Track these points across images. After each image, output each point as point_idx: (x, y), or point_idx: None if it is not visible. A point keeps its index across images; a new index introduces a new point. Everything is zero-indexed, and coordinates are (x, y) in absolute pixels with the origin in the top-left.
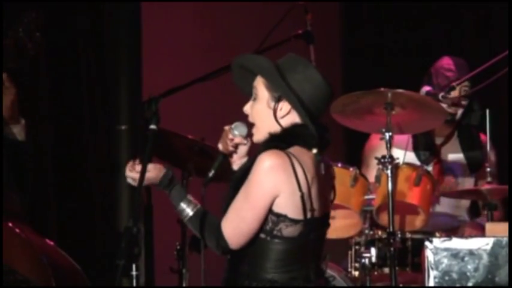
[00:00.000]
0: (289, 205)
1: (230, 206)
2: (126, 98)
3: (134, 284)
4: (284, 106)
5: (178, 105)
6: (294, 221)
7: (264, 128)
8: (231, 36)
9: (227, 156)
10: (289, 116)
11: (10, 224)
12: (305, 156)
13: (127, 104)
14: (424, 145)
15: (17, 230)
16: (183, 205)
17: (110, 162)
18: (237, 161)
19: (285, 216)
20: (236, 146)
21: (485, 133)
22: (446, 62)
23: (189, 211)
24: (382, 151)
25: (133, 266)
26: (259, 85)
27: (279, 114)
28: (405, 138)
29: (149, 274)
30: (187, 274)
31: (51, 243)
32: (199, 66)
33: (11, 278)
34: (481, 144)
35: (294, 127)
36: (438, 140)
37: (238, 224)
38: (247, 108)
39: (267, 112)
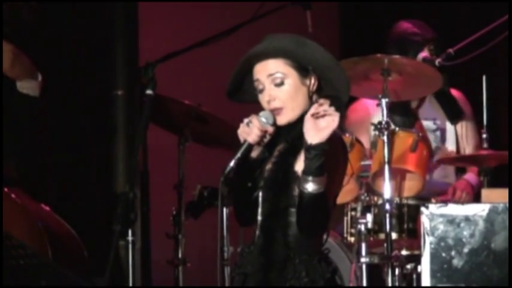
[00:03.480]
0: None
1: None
2: (122, 63)
3: (130, 249)
4: (313, 80)
5: (175, 70)
6: (333, 198)
7: (298, 107)
8: (228, 2)
9: (252, 146)
10: (315, 88)
11: (6, 190)
12: (338, 135)
13: (123, 70)
14: (400, 111)
15: (13, 196)
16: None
17: (106, 128)
18: (257, 149)
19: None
20: (265, 135)
21: (454, 88)
22: (407, 26)
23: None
24: (364, 123)
25: (130, 231)
26: (283, 67)
27: (312, 89)
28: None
29: (145, 239)
30: (183, 240)
31: (47, 208)
32: (196, 32)
33: (7, 243)
34: (454, 97)
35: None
36: (413, 104)
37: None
38: (271, 96)
39: (300, 91)
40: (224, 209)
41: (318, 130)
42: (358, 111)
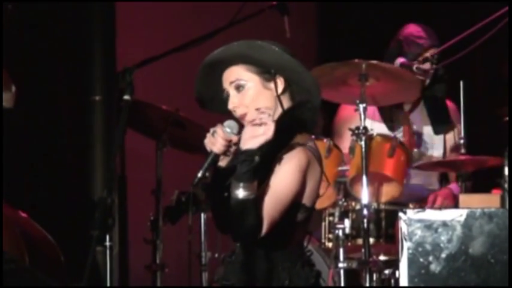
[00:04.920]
0: (309, 195)
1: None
2: (100, 68)
3: (108, 255)
4: (279, 82)
5: (152, 75)
6: (307, 209)
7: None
8: (206, 7)
9: (219, 156)
10: (286, 92)
11: None
12: (312, 143)
13: (101, 75)
14: (392, 114)
15: None
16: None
17: (84, 133)
18: (224, 159)
19: (303, 205)
20: (230, 145)
21: (451, 100)
22: (416, 30)
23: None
24: (353, 122)
25: (107, 237)
26: (243, 73)
27: (277, 92)
28: (371, 108)
29: (123, 245)
30: (160, 245)
31: (25, 215)
32: (173, 37)
33: None
34: (448, 111)
35: (293, 110)
36: (406, 107)
37: (272, 217)
38: (235, 103)
39: (262, 95)
40: (202, 215)
41: (252, 137)
42: (348, 109)
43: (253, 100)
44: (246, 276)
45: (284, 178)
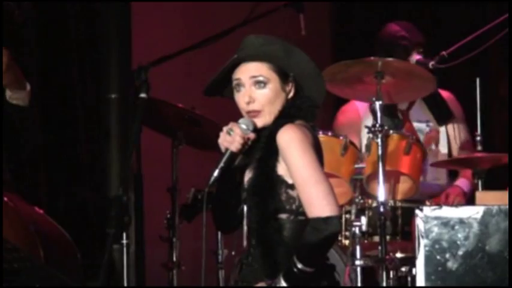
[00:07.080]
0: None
1: (302, 195)
2: (116, 66)
3: (124, 252)
4: (291, 85)
5: (168, 73)
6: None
7: (274, 112)
8: (221, 5)
9: (237, 154)
10: (292, 94)
11: None
12: (309, 128)
13: (117, 73)
14: (387, 113)
15: (5, 199)
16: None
17: (100, 131)
18: (237, 157)
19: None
20: (247, 143)
21: (443, 89)
22: (395, 30)
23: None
24: (352, 126)
25: (124, 235)
26: (266, 71)
27: (289, 95)
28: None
29: (139, 243)
30: (177, 243)
31: (40, 211)
32: (189, 35)
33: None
34: (444, 100)
35: (295, 100)
36: (402, 106)
37: (323, 195)
38: (252, 98)
39: (280, 96)
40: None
41: None
42: (349, 112)
43: (270, 100)
44: (268, 271)
45: (302, 162)
